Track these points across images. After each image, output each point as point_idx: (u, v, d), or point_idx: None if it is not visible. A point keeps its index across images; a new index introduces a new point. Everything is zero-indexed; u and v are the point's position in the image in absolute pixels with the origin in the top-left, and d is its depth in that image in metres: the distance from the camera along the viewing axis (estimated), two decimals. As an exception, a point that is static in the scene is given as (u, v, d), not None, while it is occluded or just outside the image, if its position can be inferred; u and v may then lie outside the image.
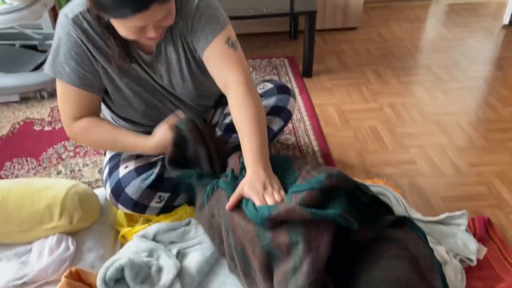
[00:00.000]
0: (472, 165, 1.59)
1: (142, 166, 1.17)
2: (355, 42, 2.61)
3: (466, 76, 2.21)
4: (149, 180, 1.14)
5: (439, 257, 1.08)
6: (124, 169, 1.17)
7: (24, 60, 2.18)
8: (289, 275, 0.85)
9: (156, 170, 1.15)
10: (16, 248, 1.14)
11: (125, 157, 1.21)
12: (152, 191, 1.15)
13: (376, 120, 1.87)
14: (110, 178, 1.18)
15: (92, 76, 1.09)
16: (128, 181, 1.15)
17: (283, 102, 1.34)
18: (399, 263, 0.88)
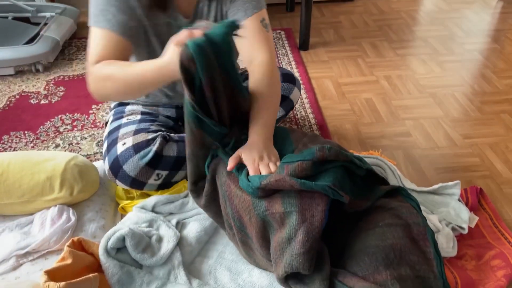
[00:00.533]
0: (466, 137, 1.61)
1: (139, 143, 1.16)
2: (352, 14, 2.58)
3: (462, 49, 2.21)
4: (147, 158, 1.14)
5: (432, 226, 1.12)
6: (122, 146, 1.16)
7: (17, 32, 2.15)
8: (285, 244, 0.88)
9: (154, 148, 1.14)
10: (18, 219, 1.16)
11: (123, 133, 1.21)
12: (150, 169, 1.15)
13: (372, 92, 1.88)
14: (108, 154, 1.18)
15: (131, 26, 1.06)
16: (125, 158, 1.14)
17: (286, 91, 1.35)
18: (392, 231, 0.91)
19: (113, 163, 1.16)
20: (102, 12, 1.03)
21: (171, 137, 1.19)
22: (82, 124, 1.68)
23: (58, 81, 1.96)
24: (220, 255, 1.12)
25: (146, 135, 1.17)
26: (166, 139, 1.17)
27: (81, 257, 1.01)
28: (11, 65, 1.96)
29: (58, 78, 1.98)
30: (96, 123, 1.68)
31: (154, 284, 1.01)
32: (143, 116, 1.27)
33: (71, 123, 1.69)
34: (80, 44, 2.27)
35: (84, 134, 1.63)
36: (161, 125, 1.27)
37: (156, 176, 1.17)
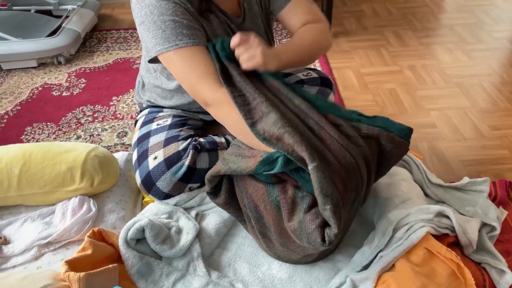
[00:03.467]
0: (495, 128, 1.55)
1: (171, 156, 1.12)
2: (375, 2, 2.52)
3: (490, 37, 2.12)
4: (180, 173, 1.11)
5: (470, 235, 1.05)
6: (153, 161, 1.13)
7: (39, 25, 2.17)
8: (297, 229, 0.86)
9: (187, 163, 1.10)
10: (40, 209, 1.17)
11: (153, 144, 1.16)
12: (183, 184, 1.12)
13: (396, 83, 1.83)
14: (139, 168, 1.15)
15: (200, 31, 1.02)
16: (158, 174, 1.11)
17: (324, 96, 1.35)
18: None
19: (146, 178, 1.13)
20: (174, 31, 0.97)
21: (202, 146, 1.14)
22: (103, 116, 1.69)
23: (79, 73, 1.97)
24: (239, 247, 1.10)
25: (177, 146, 1.13)
26: (198, 149, 1.13)
27: (101, 247, 1.01)
28: (34, 57, 1.98)
29: (79, 70, 1.99)
30: (116, 115, 1.69)
31: (174, 276, 1.01)
32: (174, 120, 1.23)
33: (92, 115, 1.70)
34: (101, 36, 2.28)
35: (105, 126, 1.64)
36: (190, 127, 1.23)
37: (188, 190, 1.15)
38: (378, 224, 1.05)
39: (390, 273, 0.93)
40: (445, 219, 1.03)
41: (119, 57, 2.09)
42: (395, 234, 0.99)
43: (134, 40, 2.23)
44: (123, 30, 2.33)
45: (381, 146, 0.98)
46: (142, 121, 1.28)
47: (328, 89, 1.37)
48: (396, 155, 1.00)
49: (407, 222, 0.99)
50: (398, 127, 1.02)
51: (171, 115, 1.26)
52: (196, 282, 0.99)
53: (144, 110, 1.32)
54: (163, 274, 1.01)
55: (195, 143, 1.14)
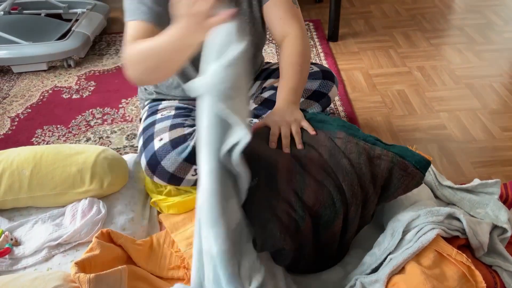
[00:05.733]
0: (506, 130, 1.54)
1: (176, 138, 1.15)
2: (383, 3, 2.51)
3: (501, 37, 2.10)
4: (185, 153, 1.13)
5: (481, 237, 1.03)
6: (159, 142, 1.15)
7: (50, 29, 2.20)
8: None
9: (192, 143, 1.13)
10: (51, 211, 1.18)
11: (158, 129, 1.19)
12: (188, 164, 1.13)
13: (405, 84, 1.82)
14: (145, 150, 1.17)
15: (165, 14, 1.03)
16: (163, 154, 1.13)
17: (325, 88, 1.34)
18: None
19: (151, 159, 1.15)
20: (137, 6, 1.04)
21: None
22: (112, 118, 1.70)
23: (89, 76, 1.99)
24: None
25: (183, 130, 1.16)
26: None
27: (109, 248, 1.01)
28: (44, 60, 2.00)
29: (89, 73, 2.01)
30: (125, 117, 1.70)
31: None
32: (178, 111, 1.25)
33: (102, 117, 1.71)
34: (110, 39, 2.30)
35: (114, 128, 1.65)
36: (194, 118, 1.24)
37: (193, 171, 1.15)
38: (388, 226, 1.04)
39: (400, 275, 0.92)
40: (456, 221, 1.02)
41: (128, 60, 2.10)
42: (405, 236, 0.98)
43: (142, 42, 2.25)
44: (132, 33, 2.34)
45: (392, 171, 0.98)
46: (146, 115, 1.30)
47: (330, 81, 1.36)
48: (405, 185, 0.99)
49: (417, 224, 0.98)
50: (417, 158, 1.01)
51: (174, 106, 1.28)
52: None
53: (145, 107, 1.35)
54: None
55: None
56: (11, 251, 1.07)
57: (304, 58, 1.16)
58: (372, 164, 0.98)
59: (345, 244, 1.04)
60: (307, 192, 0.93)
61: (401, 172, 0.99)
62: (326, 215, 0.93)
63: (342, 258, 1.06)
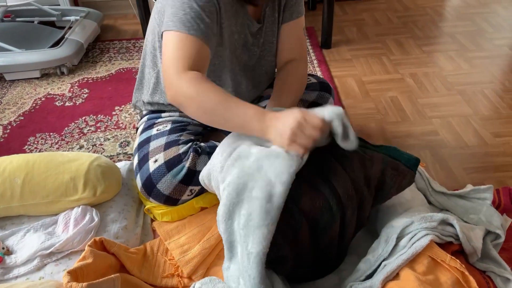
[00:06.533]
0: (497, 135, 1.55)
1: (171, 159, 1.13)
2: (376, 11, 2.53)
3: (491, 44, 2.13)
4: (180, 175, 1.12)
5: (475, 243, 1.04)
6: (154, 163, 1.14)
7: (43, 36, 2.19)
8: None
9: (187, 164, 1.12)
10: (43, 219, 1.17)
11: (153, 148, 1.17)
12: (183, 186, 1.13)
13: (398, 91, 1.83)
14: (140, 171, 1.16)
15: (216, 32, 1.06)
16: (159, 177, 1.13)
17: (323, 100, 1.36)
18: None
19: (146, 181, 1.14)
20: (193, 20, 0.99)
21: (202, 149, 1.16)
22: (106, 126, 1.69)
23: (82, 83, 1.98)
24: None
25: (177, 149, 1.15)
26: (198, 152, 1.14)
27: (102, 256, 1.01)
28: (37, 68, 1.99)
29: (82, 81, 2.00)
30: (119, 125, 1.69)
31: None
32: (173, 126, 1.24)
33: (95, 125, 1.70)
34: (104, 46, 2.30)
35: (107, 135, 1.64)
36: (190, 133, 1.24)
37: (189, 192, 1.15)
38: (382, 233, 1.04)
39: (394, 282, 0.92)
40: (449, 227, 1.02)
41: (122, 67, 2.10)
42: (399, 242, 0.99)
43: (136, 50, 2.25)
44: (126, 41, 2.34)
45: (384, 171, 0.98)
46: (142, 127, 1.29)
47: (327, 93, 1.38)
48: (398, 184, 1.01)
49: (411, 231, 0.98)
50: (406, 157, 1.03)
51: (171, 121, 1.27)
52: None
53: (143, 118, 1.33)
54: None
55: (195, 146, 1.16)
56: (2, 260, 1.06)
57: (304, 85, 1.27)
58: (364, 166, 0.98)
59: (344, 249, 1.04)
60: (304, 199, 0.93)
61: (393, 172, 1.00)
62: (323, 220, 0.93)
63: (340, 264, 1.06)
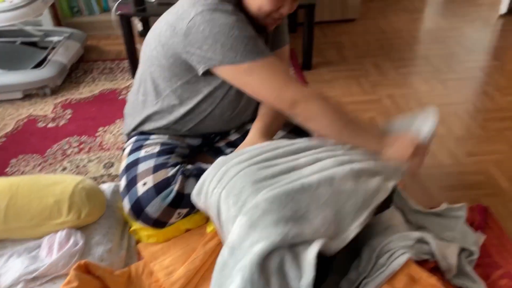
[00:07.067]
0: (470, 155, 1.62)
1: (160, 182, 1.15)
2: (354, 34, 2.62)
3: (463, 66, 2.23)
4: (169, 199, 1.14)
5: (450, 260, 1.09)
6: (143, 187, 1.16)
7: (25, 57, 2.19)
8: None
9: (176, 188, 1.14)
10: (27, 243, 1.17)
11: (142, 171, 1.19)
12: (172, 209, 1.15)
13: (376, 111, 1.90)
14: (128, 194, 1.17)
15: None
16: (147, 200, 1.14)
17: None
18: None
19: (135, 204, 1.15)
20: (255, 45, 1.04)
21: (190, 171, 1.18)
22: (89, 147, 1.70)
23: (65, 104, 1.99)
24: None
25: (166, 172, 1.17)
26: (186, 175, 1.17)
27: (87, 280, 1.01)
28: (19, 89, 1.99)
29: (65, 101, 2.01)
30: (102, 146, 1.70)
31: None
32: (162, 148, 1.25)
33: (78, 146, 1.71)
34: (87, 67, 2.31)
35: (91, 157, 1.65)
36: (178, 155, 1.26)
37: (177, 215, 1.17)
38: (362, 251, 1.08)
39: (375, 299, 0.95)
40: (426, 245, 1.07)
41: (105, 88, 2.11)
42: (378, 261, 1.03)
43: (120, 71, 2.27)
44: (109, 61, 2.36)
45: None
46: (130, 149, 1.29)
47: None
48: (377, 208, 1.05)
49: (390, 249, 1.02)
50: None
51: (159, 143, 1.28)
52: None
53: (131, 139, 1.34)
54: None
55: (183, 169, 1.18)
56: (-15, 286, 1.05)
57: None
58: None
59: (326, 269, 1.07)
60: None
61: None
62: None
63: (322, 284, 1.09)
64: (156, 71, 1.19)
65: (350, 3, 2.69)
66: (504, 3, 2.78)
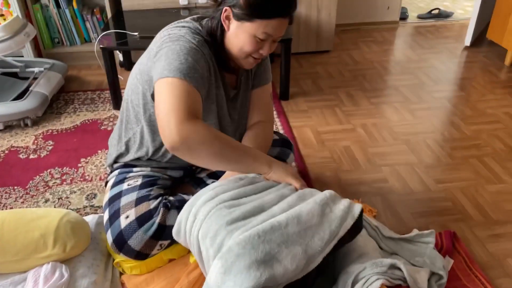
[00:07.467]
0: (439, 182, 1.72)
1: (142, 215, 1.19)
2: (329, 65, 2.75)
3: (431, 97, 2.36)
4: (151, 231, 1.17)
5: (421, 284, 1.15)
6: (125, 220, 1.19)
7: (5, 88, 2.21)
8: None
9: (158, 220, 1.18)
10: (12, 277, 1.18)
11: (125, 204, 1.23)
12: (154, 241, 1.18)
13: (350, 140, 1.99)
14: (111, 227, 1.21)
15: (205, 87, 1.14)
16: (130, 233, 1.18)
17: (285, 155, 1.49)
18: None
19: (117, 237, 1.18)
20: (192, 70, 1.07)
21: (172, 203, 1.23)
22: (71, 178, 1.72)
23: (46, 135, 2.01)
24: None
25: (148, 205, 1.21)
26: (168, 207, 1.21)
27: (75, 314, 1.03)
28: (0, 120, 2.00)
29: (46, 132, 2.03)
30: (85, 177, 1.73)
31: None
32: (144, 180, 1.29)
33: (60, 177, 1.73)
34: (68, 97, 2.34)
35: (74, 188, 1.67)
36: (160, 187, 1.31)
37: (159, 246, 1.20)
38: (339, 278, 1.14)
39: (351, 325, 1.01)
40: (398, 270, 1.14)
41: (87, 118, 2.14)
42: (354, 286, 1.09)
43: (101, 101, 2.30)
44: (90, 92, 2.40)
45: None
46: (113, 182, 1.33)
47: (288, 149, 1.52)
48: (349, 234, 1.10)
49: (364, 276, 1.09)
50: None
51: (141, 175, 1.32)
52: None
53: (114, 171, 1.38)
54: None
55: (165, 201, 1.22)
56: (-31, 322, 1.06)
57: (270, 144, 1.39)
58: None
59: None
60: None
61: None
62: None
63: None
64: (135, 99, 1.26)
65: (324, 35, 2.83)
66: (468, 35, 2.97)
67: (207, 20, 1.20)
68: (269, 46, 1.17)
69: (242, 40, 1.14)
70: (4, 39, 1.97)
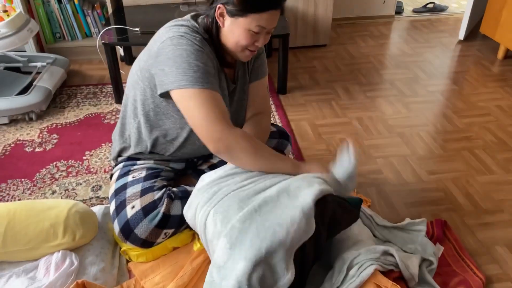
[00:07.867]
0: (431, 173, 1.78)
1: (147, 205, 1.25)
2: (325, 59, 2.80)
3: (425, 90, 2.42)
4: (156, 220, 1.23)
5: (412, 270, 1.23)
6: (131, 210, 1.25)
7: (9, 82, 2.25)
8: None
9: (162, 209, 1.23)
10: (24, 265, 1.24)
11: (130, 195, 1.28)
12: (159, 229, 1.24)
13: (346, 133, 2.05)
14: (118, 217, 1.26)
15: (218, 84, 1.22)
16: (136, 222, 1.23)
17: (282, 147, 1.55)
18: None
19: (124, 226, 1.24)
20: (207, 74, 1.15)
21: (175, 194, 1.29)
22: (77, 170, 1.78)
23: (51, 128, 2.06)
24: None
25: (153, 195, 1.27)
26: (172, 197, 1.27)
27: (86, 298, 1.10)
28: (5, 115, 2.05)
29: (51, 126, 2.08)
30: (90, 169, 1.79)
31: None
32: (148, 172, 1.35)
33: (66, 170, 1.78)
34: (71, 92, 2.39)
35: (79, 180, 1.73)
36: (164, 179, 1.37)
37: (163, 235, 1.26)
38: (335, 264, 1.21)
39: (346, 307, 1.08)
40: (390, 257, 1.21)
41: (90, 112, 2.19)
42: (349, 272, 1.16)
43: (103, 95, 2.35)
44: (92, 86, 2.45)
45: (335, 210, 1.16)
46: (118, 174, 1.39)
47: (285, 141, 1.57)
48: (346, 220, 1.19)
49: (358, 262, 1.16)
50: (351, 199, 1.23)
51: (145, 168, 1.38)
52: None
53: (119, 164, 1.44)
54: None
55: (169, 192, 1.28)
56: (-14, 306, 1.12)
57: (267, 136, 1.44)
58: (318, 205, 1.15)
59: (303, 280, 1.18)
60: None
61: (342, 210, 1.18)
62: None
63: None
64: (134, 95, 1.31)
65: (321, 29, 2.88)
66: (462, 29, 3.02)
67: (202, 18, 1.26)
68: (263, 37, 1.23)
69: (238, 35, 1.19)
70: (8, 35, 2.01)
